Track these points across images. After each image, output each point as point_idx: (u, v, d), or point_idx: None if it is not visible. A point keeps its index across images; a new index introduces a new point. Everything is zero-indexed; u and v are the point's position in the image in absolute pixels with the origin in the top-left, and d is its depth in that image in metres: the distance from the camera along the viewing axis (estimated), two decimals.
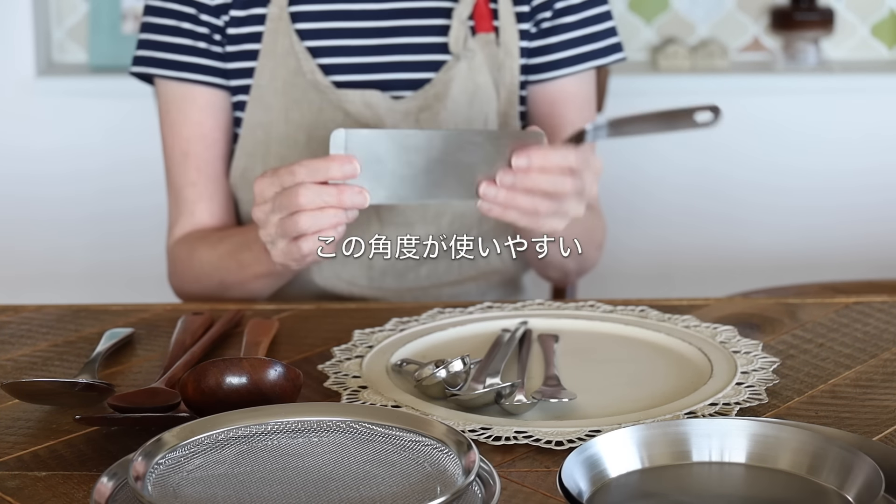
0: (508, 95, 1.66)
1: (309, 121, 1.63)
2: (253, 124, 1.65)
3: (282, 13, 1.63)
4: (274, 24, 1.63)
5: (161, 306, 1.50)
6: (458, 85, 1.63)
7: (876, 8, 2.82)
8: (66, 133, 2.74)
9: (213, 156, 1.67)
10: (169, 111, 1.67)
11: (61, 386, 1.21)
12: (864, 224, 2.80)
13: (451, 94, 1.63)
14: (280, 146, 1.64)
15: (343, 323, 1.42)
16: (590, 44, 1.69)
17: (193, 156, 1.66)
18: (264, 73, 1.63)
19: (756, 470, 1.05)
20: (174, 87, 1.66)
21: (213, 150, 1.66)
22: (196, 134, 1.65)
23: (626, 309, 1.44)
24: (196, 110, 1.65)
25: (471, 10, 1.64)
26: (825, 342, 1.38)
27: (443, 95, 1.63)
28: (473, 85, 1.64)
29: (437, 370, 1.21)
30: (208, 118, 1.66)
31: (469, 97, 1.64)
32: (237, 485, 0.99)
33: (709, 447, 1.06)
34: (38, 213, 2.76)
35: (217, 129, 1.66)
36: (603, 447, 1.03)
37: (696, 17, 2.81)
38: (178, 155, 1.66)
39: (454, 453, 1.00)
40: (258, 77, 1.64)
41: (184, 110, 1.65)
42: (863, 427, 1.16)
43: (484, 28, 1.65)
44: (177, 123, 1.66)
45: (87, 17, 2.76)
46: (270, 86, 1.63)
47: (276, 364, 1.15)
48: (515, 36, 1.66)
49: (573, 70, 1.68)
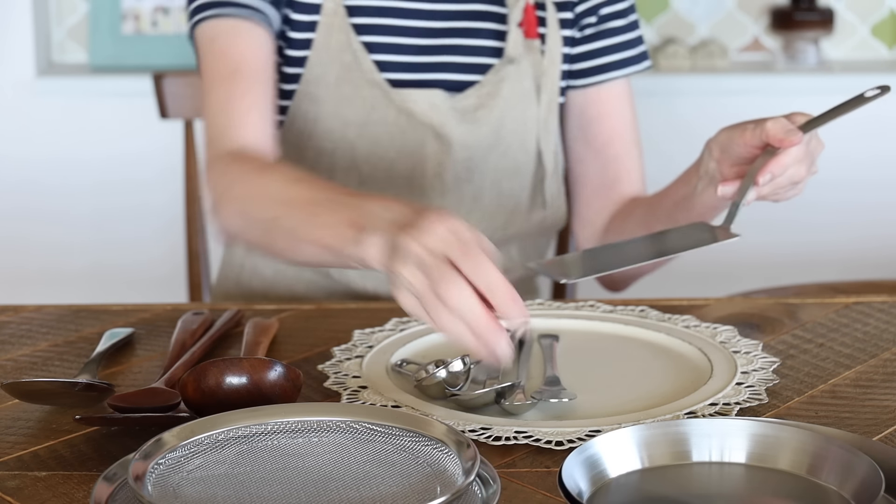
0: (549, 102, 1.68)
1: (361, 118, 1.62)
2: (297, 115, 1.63)
3: (337, 7, 1.62)
4: (329, 18, 1.62)
5: (161, 306, 1.50)
6: (508, 87, 1.65)
7: (876, 8, 2.82)
8: (66, 133, 2.74)
9: (266, 79, 1.55)
10: (216, 38, 1.55)
11: (61, 386, 1.21)
12: (864, 224, 2.80)
13: (502, 95, 1.65)
14: (323, 140, 1.63)
15: (343, 323, 1.42)
16: (630, 49, 1.72)
17: (245, 72, 1.54)
18: (315, 66, 1.62)
19: (756, 470, 1.05)
20: (229, 22, 1.56)
21: (265, 74, 1.55)
22: (248, 56, 1.55)
23: (626, 309, 1.44)
24: (251, 38, 1.55)
25: (522, 16, 1.65)
26: (825, 342, 1.38)
27: (495, 95, 1.65)
28: (521, 88, 1.66)
29: (437, 370, 1.21)
30: (262, 49, 1.56)
31: (518, 99, 1.66)
32: (237, 485, 0.99)
33: (709, 447, 1.06)
34: (38, 214, 2.76)
35: (269, 63, 1.56)
36: (603, 447, 1.03)
37: (696, 17, 2.81)
38: (226, 73, 1.53)
39: (454, 453, 1.00)
40: (309, 68, 1.62)
41: (238, 37, 1.55)
42: (863, 427, 1.16)
43: (531, 34, 1.66)
44: (228, 48, 1.55)
45: (87, 17, 2.76)
46: (321, 79, 1.62)
47: (276, 364, 1.15)
48: (559, 42, 1.68)
49: (618, 74, 1.71)
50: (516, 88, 1.65)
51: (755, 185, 1.35)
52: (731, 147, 1.39)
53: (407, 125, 1.63)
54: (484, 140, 1.65)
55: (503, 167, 1.67)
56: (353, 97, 1.62)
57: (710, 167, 1.43)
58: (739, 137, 1.38)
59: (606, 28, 1.70)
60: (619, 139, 1.72)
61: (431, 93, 1.63)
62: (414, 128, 1.63)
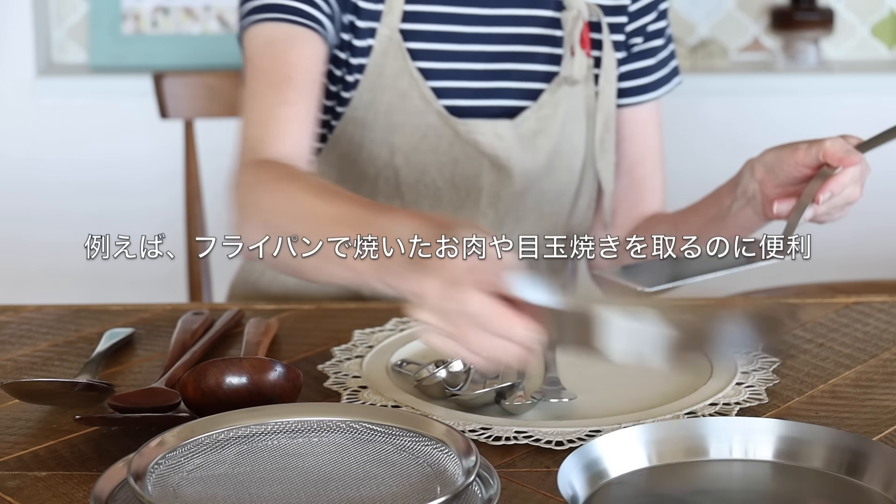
0: (605, 121, 1.65)
1: (410, 145, 1.58)
2: (343, 138, 1.59)
3: (392, 34, 1.56)
4: (384, 44, 1.56)
5: (161, 306, 1.50)
6: (564, 109, 1.62)
7: (876, 8, 2.82)
8: (65, 133, 2.74)
9: (315, 90, 1.49)
10: (273, 44, 1.49)
11: (61, 386, 1.21)
12: (864, 224, 2.79)
13: (559, 117, 1.62)
14: (366, 164, 1.59)
15: (343, 323, 1.42)
16: (665, 67, 1.71)
17: (295, 80, 1.48)
18: (366, 93, 1.57)
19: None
20: (286, 27, 1.50)
21: (315, 85, 1.50)
22: (302, 64, 1.49)
23: None
24: (307, 47, 1.50)
25: (578, 38, 1.63)
26: (825, 342, 1.38)
27: (552, 118, 1.62)
28: (575, 110, 1.63)
29: (437, 370, 1.21)
30: (315, 57, 1.50)
31: (572, 122, 1.63)
32: (237, 485, 0.99)
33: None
34: (38, 214, 2.76)
35: (321, 74, 1.52)
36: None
37: (696, 17, 2.81)
38: (275, 79, 1.47)
39: (454, 453, 1.00)
40: (360, 93, 1.57)
41: (292, 44, 1.49)
42: (863, 427, 1.16)
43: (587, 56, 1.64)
44: (281, 52, 1.49)
45: (87, 17, 2.75)
46: (371, 105, 1.57)
47: (276, 364, 1.15)
48: (614, 64, 1.66)
49: (661, 92, 1.70)
50: (571, 111, 1.63)
51: (814, 204, 1.33)
52: (781, 166, 1.37)
53: (460, 154, 1.59)
54: (542, 167, 1.63)
55: (549, 190, 1.65)
56: (404, 124, 1.58)
57: (750, 187, 1.41)
58: (791, 157, 1.36)
59: (652, 46, 1.69)
60: (648, 161, 1.70)
61: (497, 123, 1.59)
62: (469, 158, 1.59)
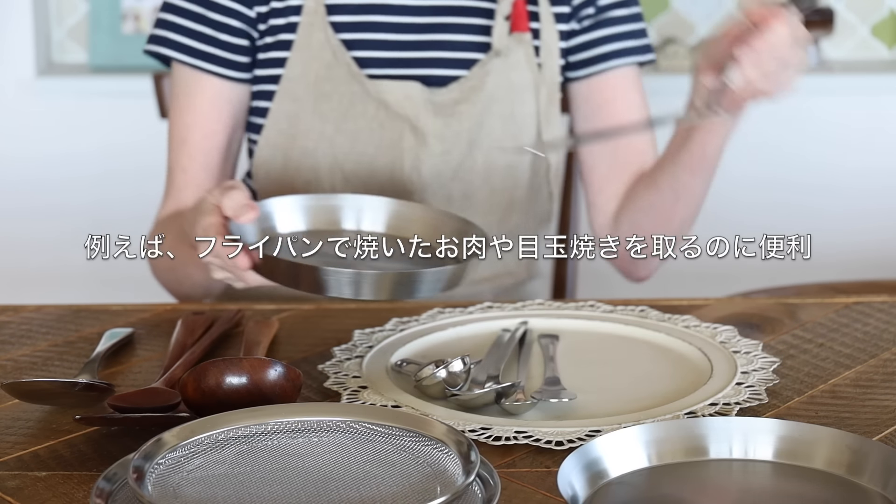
0: (549, 94, 1.67)
1: (339, 113, 1.63)
2: (279, 115, 1.65)
3: (318, 6, 1.63)
4: (310, 18, 1.63)
5: (161, 306, 1.50)
6: (493, 80, 1.64)
7: (876, 8, 2.82)
8: (65, 133, 2.74)
9: (210, 146, 1.67)
10: (178, 95, 1.67)
11: (61, 386, 1.21)
12: (864, 224, 2.80)
13: (486, 89, 1.64)
14: (305, 139, 1.64)
15: (343, 323, 1.42)
16: (633, 39, 1.71)
17: (190, 143, 1.66)
18: (296, 65, 1.63)
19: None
20: (186, 72, 1.66)
21: (211, 140, 1.67)
22: (197, 122, 1.66)
23: (626, 309, 1.44)
24: (203, 100, 1.66)
25: (510, 9, 1.64)
26: (825, 342, 1.38)
27: (478, 89, 1.64)
28: (508, 82, 1.65)
29: (437, 370, 1.21)
30: (213, 109, 1.66)
31: (504, 93, 1.65)
32: (237, 485, 0.99)
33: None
34: (38, 213, 2.76)
35: (219, 121, 1.67)
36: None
37: (696, 17, 2.81)
38: (177, 140, 1.67)
39: (454, 453, 1.00)
40: (289, 68, 1.64)
41: (190, 97, 1.66)
42: (863, 427, 1.16)
43: (520, 28, 1.65)
44: (182, 109, 1.66)
45: (87, 17, 2.76)
46: (302, 78, 1.63)
47: (276, 364, 1.15)
48: (556, 36, 1.67)
49: (621, 63, 1.70)
50: (503, 83, 1.64)
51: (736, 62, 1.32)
52: (712, 47, 1.38)
53: (385, 118, 1.62)
54: (464, 135, 1.64)
55: (494, 164, 1.66)
56: (331, 93, 1.63)
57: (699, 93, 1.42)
58: (717, 33, 1.36)
59: (606, 18, 1.69)
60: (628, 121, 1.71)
61: (407, 84, 1.63)
62: (392, 121, 1.62)
